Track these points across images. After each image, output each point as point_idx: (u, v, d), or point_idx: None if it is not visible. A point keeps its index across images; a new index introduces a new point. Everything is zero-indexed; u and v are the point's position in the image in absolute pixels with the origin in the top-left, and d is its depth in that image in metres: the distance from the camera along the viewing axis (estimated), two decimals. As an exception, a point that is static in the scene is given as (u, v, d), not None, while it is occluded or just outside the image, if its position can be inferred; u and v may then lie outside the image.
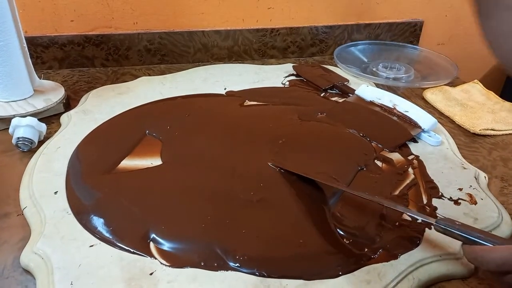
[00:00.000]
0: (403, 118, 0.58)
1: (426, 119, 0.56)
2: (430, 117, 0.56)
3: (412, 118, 0.57)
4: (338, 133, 0.56)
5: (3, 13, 0.55)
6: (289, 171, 0.46)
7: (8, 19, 0.56)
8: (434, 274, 0.36)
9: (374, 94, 0.63)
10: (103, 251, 0.37)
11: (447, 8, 0.90)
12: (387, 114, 0.60)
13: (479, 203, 0.44)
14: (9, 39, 0.57)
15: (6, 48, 0.57)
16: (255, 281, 0.35)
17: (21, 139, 0.52)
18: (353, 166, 0.49)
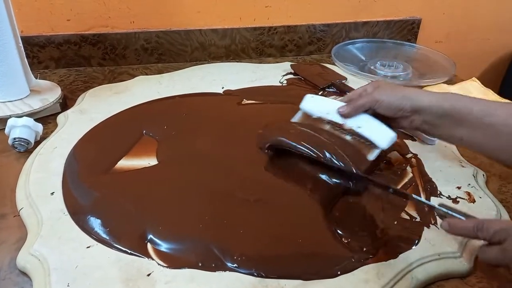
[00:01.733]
0: (355, 135, 0.46)
1: (382, 134, 0.45)
2: (386, 130, 0.45)
3: (366, 136, 0.45)
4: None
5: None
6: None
7: (3, 19, 0.55)
8: (432, 273, 0.36)
9: (322, 108, 0.49)
10: (100, 252, 0.37)
11: (445, 6, 0.90)
12: (338, 133, 0.47)
13: (478, 202, 0.44)
14: (4, 39, 0.56)
15: (2, 48, 0.56)
16: (253, 282, 0.35)
17: (18, 140, 0.52)
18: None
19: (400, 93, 0.43)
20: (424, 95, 0.43)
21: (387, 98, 0.43)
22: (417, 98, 0.42)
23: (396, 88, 0.44)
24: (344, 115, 0.46)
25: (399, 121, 0.44)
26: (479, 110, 0.40)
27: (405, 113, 0.43)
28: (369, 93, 0.45)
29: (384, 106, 0.43)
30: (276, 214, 0.41)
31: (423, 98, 0.42)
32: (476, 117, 0.40)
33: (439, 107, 0.41)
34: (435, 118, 0.42)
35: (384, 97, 0.43)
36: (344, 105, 0.46)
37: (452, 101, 0.41)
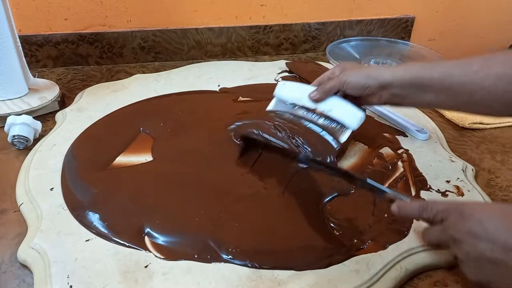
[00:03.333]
0: (327, 118, 0.49)
1: (352, 115, 0.47)
2: (355, 111, 0.47)
3: (337, 118, 0.48)
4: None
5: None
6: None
7: (1, 18, 0.56)
8: (421, 264, 0.37)
9: (294, 94, 0.51)
10: (99, 245, 0.38)
11: (438, 4, 0.91)
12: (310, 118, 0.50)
13: (466, 195, 0.45)
14: (3, 38, 0.57)
15: (0, 47, 0.57)
16: (248, 272, 0.36)
17: (17, 137, 0.53)
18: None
19: (365, 72, 0.46)
20: (387, 71, 0.45)
21: (354, 79, 0.46)
22: (381, 75, 0.45)
23: (361, 68, 0.47)
24: (316, 100, 0.49)
25: (368, 98, 0.47)
26: (439, 74, 0.42)
27: (373, 90, 0.45)
28: (337, 75, 0.47)
29: (352, 86, 0.46)
30: (271, 208, 0.43)
31: (386, 74, 0.44)
32: (437, 82, 0.42)
33: (402, 80, 0.44)
34: (400, 90, 0.44)
35: (351, 78, 0.46)
36: (314, 90, 0.49)
37: (413, 72, 0.43)
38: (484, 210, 0.33)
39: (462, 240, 0.32)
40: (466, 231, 0.32)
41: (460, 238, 0.32)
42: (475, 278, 0.33)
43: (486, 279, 0.32)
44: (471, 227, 0.32)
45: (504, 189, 0.49)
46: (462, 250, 0.32)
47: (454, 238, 0.33)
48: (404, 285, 0.37)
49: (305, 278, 0.35)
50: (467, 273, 0.33)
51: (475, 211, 0.32)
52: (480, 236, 0.31)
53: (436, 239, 0.35)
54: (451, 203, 0.35)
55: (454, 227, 0.33)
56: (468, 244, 0.32)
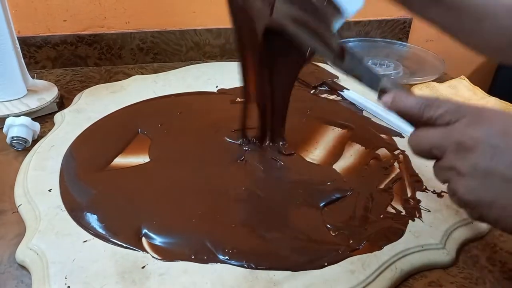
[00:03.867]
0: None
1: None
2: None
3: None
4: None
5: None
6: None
7: (0, 19, 0.56)
8: (416, 264, 0.38)
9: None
10: (96, 246, 0.38)
11: (436, 5, 0.91)
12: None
13: (462, 196, 0.46)
14: (1, 40, 0.57)
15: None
16: (244, 273, 0.36)
17: (15, 139, 0.53)
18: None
19: None
20: None
21: None
22: None
23: None
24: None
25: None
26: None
27: None
28: None
29: None
30: (267, 209, 0.43)
31: None
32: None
33: None
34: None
35: None
36: None
37: None
38: (509, 117, 0.26)
39: (473, 148, 0.25)
40: (483, 137, 0.25)
41: (471, 144, 0.25)
42: (474, 197, 0.26)
43: (489, 199, 0.26)
44: (490, 133, 0.25)
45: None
46: (470, 160, 0.26)
47: (461, 144, 0.26)
48: (399, 285, 0.37)
49: (300, 278, 0.35)
50: (463, 189, 0.26)
51: (497, 117, 0.26)
52: (499, 145, 0.25)
53: (431, 144, 0.28)
54: (464, 103, 0.28)
55: (465, 130, 0.26)
56: (481, 153, 0.25)
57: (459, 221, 0.42)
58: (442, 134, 0.27)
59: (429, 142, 0.28)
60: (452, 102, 0.28)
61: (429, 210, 0.44)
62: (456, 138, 0.26)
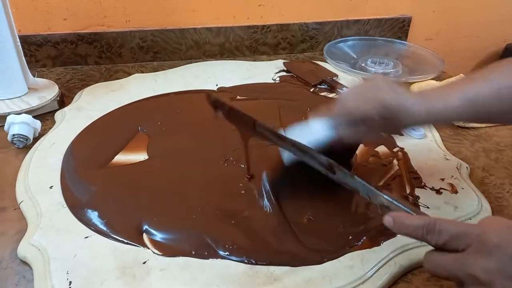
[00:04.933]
0: None
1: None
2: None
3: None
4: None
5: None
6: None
7: (1, 18, 0.57)
8: (414, 259, 0.38)
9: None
10: (97, 242, 0.39)
11: (434, 3, 0.92)
12: None
13: (460, 192, 0.46)
14: (2, 38, 0.58)
15: (0, 47, 0.58)
16: (244, 268, 0.36)
17: (17, 136, 0.53)
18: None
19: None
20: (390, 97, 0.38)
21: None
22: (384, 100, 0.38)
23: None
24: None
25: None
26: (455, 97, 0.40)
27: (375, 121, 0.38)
28: None
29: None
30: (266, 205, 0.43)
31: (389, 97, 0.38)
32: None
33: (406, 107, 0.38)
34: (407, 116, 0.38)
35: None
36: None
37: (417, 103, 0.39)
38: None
39: (491, 283, 0.25)
40: (496, 270, 0.25)
41: (487, 279, 0.25)
42: None
43: None
44: (502, 265, 0.24)
45: (498, 186, 0.49)
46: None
47: (477, 279, 0.25)
48: (398, 280, 0.37)
49: (300, 273, 0.36)
50: None
51: (503, 240, 0.25)
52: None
53: (447, 272, 0.27)
54: (468, 226, 0.28)
55: (476, 263, 0.25)
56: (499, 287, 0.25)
57: (457, 218, 0.43)
58: (455, 263, 0.27)
59: (445, 270, 0.28)
60: (453, 225, 0.28)
61: (427, 207, 0.44)
62: (471, 271, 0.26)
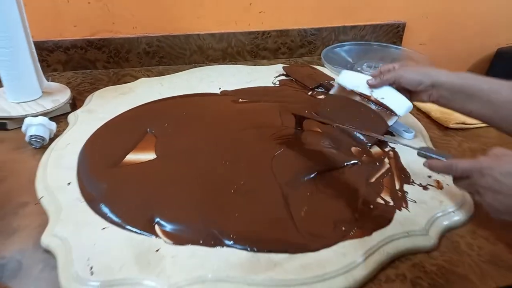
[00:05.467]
0: (379, 105, 0.58)
1: (400, 104, 0.56)
2: (404, 101, 0.56)
3: (387, 105, 0.57)
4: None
5: (13, 20, 0.60)
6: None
7: (17, 26, 0.60)
8: (401, 248, 0.42)
9: (354, 82, 0.61)
10: (114, 232, 0.43)
11: (428, 10, 0.96)
12: (365, 103, 0.60)
13: (445, 188, 0.50)
14: (18, 45, 0.61)
15: (16, 53, 0.62)
16: (247, 256, 0.40)
17: (34, 137, 0.57)
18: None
19: (422, 70, 0.53)
20: (443, 73, 0.51)
21: (410, 74, 0.53)
22: (436, 75, 0.51)
23: (419, 67, 0.55)
24: (372, 85, 0.58)
25: (420, 94, 0.53)
26: (488, 88, 0.48)
27: (425, 87, 0.52)
28: (396, 69, 0.56)
29: (407, 81, 0.53)
30: (266, 199, 0.47)
31: (441, 74, 0.51)
32: (485, 94, 0.48)
33: (453, 83, 0.50)
34: (450, 93, 0.50)
35: (407, 73, 0.53)
36: (373, 78, 0.58)
37: (465, 79, 0.50)
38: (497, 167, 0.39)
39: (484, 195, 0.40)
40: (487, 186, 0.39)
41: (483, 192, 0.40)
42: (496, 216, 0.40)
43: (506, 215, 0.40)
44: (492, 182, 0.39)
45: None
46: (486, 202, 0.40)
47: (479, 192, 0.40)
48: (386, 267, 0.41)
49: (297, 260, 0.40)
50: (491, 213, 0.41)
51: (492, 170, 0.39)
52: (499, 191, 0.38)
53: (466, 189, 0.43)
54: (472, 163, 0.41)
55: (476, 184, 0.40)
56: (489, 197, 0.39)
57: (442, 211, 0.47)
58: (467, 185, 0.42)
59: (465, 189, 0.43)
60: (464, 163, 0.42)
61: (415, 201, 0.48)
62: (474, 189, 0.41)
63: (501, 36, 1.02)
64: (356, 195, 0.48)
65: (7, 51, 0.61)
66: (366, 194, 0.48)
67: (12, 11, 0.59)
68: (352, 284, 0.38)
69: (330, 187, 0.49)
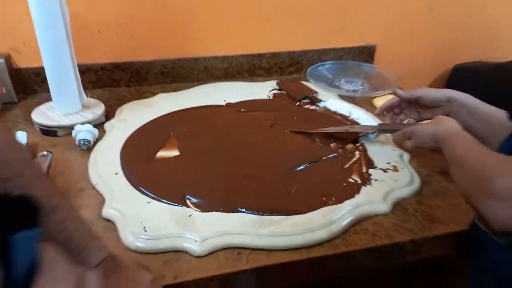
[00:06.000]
0: (355, 123, 0.82)
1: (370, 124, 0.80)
2: (373, 123, 0.80)
3: (360, 123, 0.81)
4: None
5: (63, 47, 0.76)
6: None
7: (66, 51, 0.77)
8: (365, 212, 0.58)
9: (337, 106, 0.87)
10: (157, 205, 0.58)
11: (395, 33, 1.15)
12: (345, 120, 0.83)
13: (400, 171, 0.67)
14: (66, 67, 0.78)
15: (65, 74, 0.78)
16: (255, 218, 0.56)
17: (83, 141, 0.73)
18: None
19: (439, 90, 0.69)
20: (454, 91, 0.67)
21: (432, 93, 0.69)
22: (451, 93, 0.67)
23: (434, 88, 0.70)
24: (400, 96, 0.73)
25: (435, 110, 0.69)
26: (485, 109, 0.62)
27: (443, 103, 0.67)
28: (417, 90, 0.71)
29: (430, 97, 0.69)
30: (268, 182, 0.63)
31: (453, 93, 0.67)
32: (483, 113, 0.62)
33: (461, 100, 0.65)
34: (458, 107, 0.65)
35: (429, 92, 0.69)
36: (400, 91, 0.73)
37: (470, 98, 0.65)
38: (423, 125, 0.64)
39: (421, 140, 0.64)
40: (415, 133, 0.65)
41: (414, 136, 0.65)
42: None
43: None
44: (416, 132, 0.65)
45: (430, 168, 0.70)
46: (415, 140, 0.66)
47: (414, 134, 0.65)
48: (355, 224, 0.57)
49: (291, 219, 0.56)
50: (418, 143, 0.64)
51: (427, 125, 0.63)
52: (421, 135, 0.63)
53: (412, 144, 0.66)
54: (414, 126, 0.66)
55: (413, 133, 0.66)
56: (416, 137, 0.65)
57: (396, 187, 0.63)
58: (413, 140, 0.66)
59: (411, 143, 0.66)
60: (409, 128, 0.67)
61: (376, 180, 0.65)
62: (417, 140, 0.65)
63: (457, 54, 1.21)
64: (333, 176, 0.65)
65: (57, 72, 0.77)
66: (341, 176, 0.65)
67: (62, 41, 0.76)
68: (330, 235, 0.55)
69: (315, 172, 0.66)
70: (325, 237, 0.54)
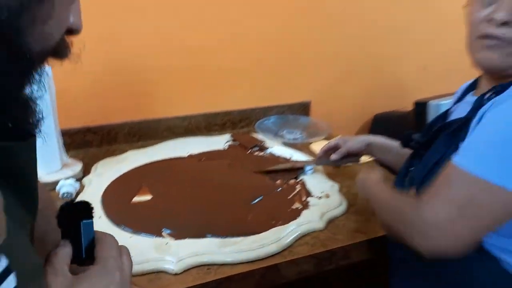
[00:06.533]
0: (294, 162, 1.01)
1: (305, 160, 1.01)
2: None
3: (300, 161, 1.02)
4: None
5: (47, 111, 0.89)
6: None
7: (49, 115, 0.90)
8: (305, 229, 0.75)
9: (281, 152, 1.07)
10: (138, 238, 0.71)
11: (326, 91, 1.40)
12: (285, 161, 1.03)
13: (331, 197, 0.85)
14: (50, 131, 0.90)
15: (50, 138, 0.90)
16: (220, 240, 0.71)
17: (66, 193, 0.85)
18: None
19: (359, 138, 0.93)
20: (371, 136, 0.92)
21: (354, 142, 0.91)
22: (369, 138, 0.91)
23: (355, 136, 0.94)
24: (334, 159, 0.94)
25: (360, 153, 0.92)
26: (396, 146, 0.83)
27: (364, 147, 0.90)
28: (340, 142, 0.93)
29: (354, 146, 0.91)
30: (231, 211, 0.79)
31: (371, 138, 0.92)
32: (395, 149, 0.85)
33: (378, 142, 0.89)
34: (377, 148, 0.89)
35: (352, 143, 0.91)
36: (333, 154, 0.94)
37: (385, 140, 0.89)
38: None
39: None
40: None
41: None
42: None
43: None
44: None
45: (354, 194, 0.89)
46: None
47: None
48: (298, 239, 0.73)
49: (249, 239, 0.71)
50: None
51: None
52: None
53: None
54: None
55: None
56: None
57: (329, 209, 0.81)
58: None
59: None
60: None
61: (314, 205, 0.82)
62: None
63: (376, 104, 1.48)
64: (280, 204, 0.82)
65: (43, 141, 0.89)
66: (286, 204, 0.82)
67: (49, 113, 0.90)
68: (279, 248, 0.70)
69: (266, 202, 0.83)
70: (275, 250, 0.70)
